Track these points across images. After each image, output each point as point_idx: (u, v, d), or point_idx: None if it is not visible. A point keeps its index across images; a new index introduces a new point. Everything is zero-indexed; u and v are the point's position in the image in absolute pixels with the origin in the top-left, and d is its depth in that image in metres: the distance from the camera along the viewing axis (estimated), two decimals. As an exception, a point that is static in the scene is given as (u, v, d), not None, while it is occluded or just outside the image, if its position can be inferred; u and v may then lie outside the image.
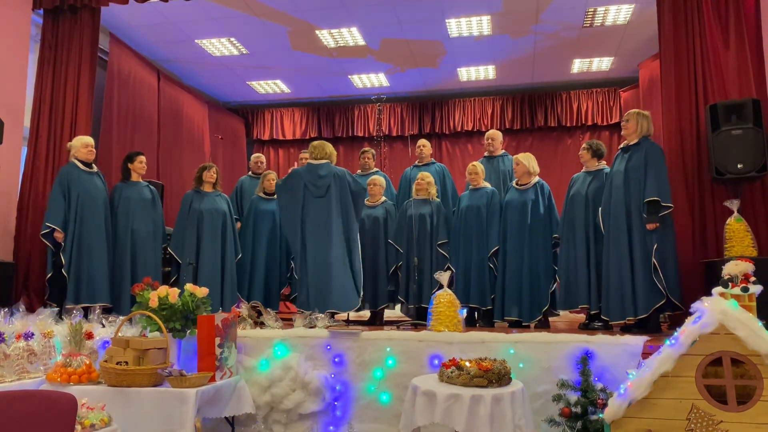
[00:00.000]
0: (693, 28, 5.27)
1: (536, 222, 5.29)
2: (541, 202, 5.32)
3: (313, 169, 5.29)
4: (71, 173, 5.27)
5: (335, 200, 5.20)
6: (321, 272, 5.07)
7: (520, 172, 5.42)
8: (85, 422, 2.81)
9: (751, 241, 4.58)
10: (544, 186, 5.41)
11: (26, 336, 3.74)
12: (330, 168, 5.28)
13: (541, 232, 5.28)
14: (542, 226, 5.29)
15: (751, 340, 2.70)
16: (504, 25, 7.65)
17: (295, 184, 5.29)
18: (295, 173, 5.36)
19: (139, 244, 5.45)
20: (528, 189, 5.37)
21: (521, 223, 5.29)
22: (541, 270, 5.24)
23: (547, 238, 5.29)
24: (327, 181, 5.22)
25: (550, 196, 5.39)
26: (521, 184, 5.43)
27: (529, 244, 5.26)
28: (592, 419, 3.46)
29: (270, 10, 7.23)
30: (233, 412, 3.85)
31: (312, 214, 5.19)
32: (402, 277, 5.66)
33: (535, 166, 5.42)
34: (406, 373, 3.96)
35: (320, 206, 5.19)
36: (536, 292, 5.22)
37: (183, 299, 3.91)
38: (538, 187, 5.37)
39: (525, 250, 5.26)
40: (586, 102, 9.83)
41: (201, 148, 9.65)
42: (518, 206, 5.33)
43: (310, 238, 5.15)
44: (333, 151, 5.41)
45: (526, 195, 5.35)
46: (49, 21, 6.35)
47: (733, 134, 4.76)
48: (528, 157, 5.45)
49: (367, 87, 9.93)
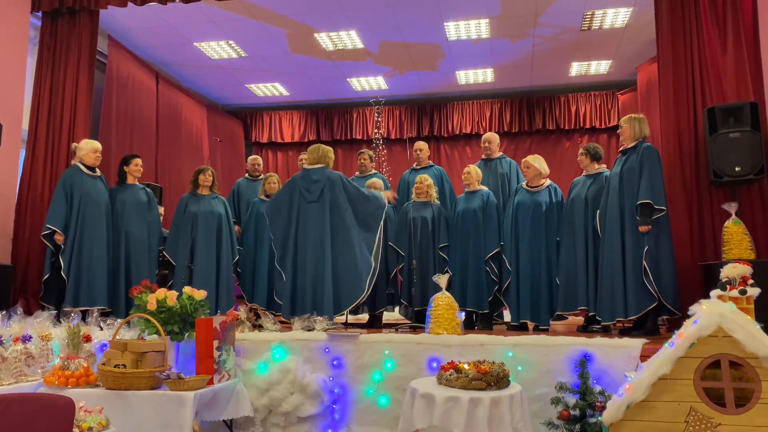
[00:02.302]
0: (691, 31, 5.29)
1: (550, 224, 5.31)
2: (555, 205, 5.34)
3: (307, 174, 5.30)
4: (75, 176, 5.26)
5: (328, 205, 5.19)
6: (316, 277, 5.05)
7: (531, 174, 5.42)
8: (83, 425, 2.81)
9: (749, 244, 4.58)
10: (557, 190, 5.44)
11: (24, 339, 3.73)
12: (324, 172, 5.28)
13: (555, 234, 5.30)
14: (555, 229, 5.31)
15: (749, 343, 2.71)
16: (502, 29, 7.66)
17: (290, 190, 5.31)
18: (291, 180, 5.39)
19: (134, 247, 5.44)
20: (541, 191, 5.38)
21: (536, 225, 5.29)
22: (555, 272, 5.25)
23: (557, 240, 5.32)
24: (320, 186, 5.22)
25: (562, 199, 5.42)
26: (533, 186, 5.43)
27: (546, 246, 5.27)
28: (590, 422, 3.46)
29: (269, 13, 7.24)
30: (231, 415, 3.84)
31: (305, 219, 5.18)
32: (404, 279, 5.65)
33: (545, 167, 5.44)
34: (405, 376, 3.96)
35: (313, 211, 5.19)
36: (552, 294, 5.23)
37: (181, 302, 3.91)
38: (551, 189, 5.40)
39: (543, 253, 5.26)
40: (584, 105, 9.85)
41: (199, 151, 9.65)
42: (531, 208, 5.32)
43: (303, 243, 5.14)
44: (330, 155, 5.40)
45: (540, 197, 5.35)
46: (48, 23, 6.35)
47: (731, 137, 4.77)
48: (538, 159, 5.45)
49: (365, 90, 9.94)
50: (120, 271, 5.36)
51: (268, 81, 9.66)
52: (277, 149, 11.13)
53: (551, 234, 5.30)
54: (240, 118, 11.00)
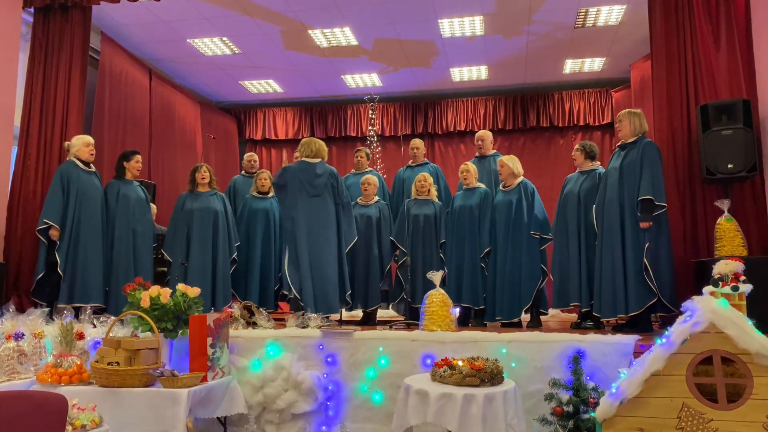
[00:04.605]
0: (684, 29, 5.31)
1: (519, 221, 5.30)
2: (525, 201, 5.34)
3: (309, 167, 5.19)
4: (71, 171, 5.23)
5: (332, 199, 5.18)
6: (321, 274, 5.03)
7: (504, 174, 5.48)
8: (76, 423, 2.80)
9: (741, 241, 4.61)
10: (527, 185, 5.43)
11: (16, 336, 3.71)
12: (325, 167, 5.26)
13: (525, 231, 5.29)
14: (525, 225, 5.29)
15: (741, 339, 2.73)
16: (496, 26, 7.66)
17: (289, 182, 5.18)
18: (288, 170, 5.24)
19: (138, 244, 5.43)
20: (512, 190, 5.41)
21: (506, 224, 5.33)
22: (523, 269, 5.23)
23: (531, 236, 5.29)
24: (324, 180, 5.18)
25: (533, 193, 5.41)
26: (506, 186, 5.48)
27: (512, 243, 5.29)
28: (583, 418, 3.47)
29: (263, 9, 7.22)
30: (225, 412, 3.84)
31: (308, 214, 5.10)
32: (402, 276, 5.65)
33: (519, 167, 5.48)
34: (399, 373, 3.97)
35: (317, 205, 5.13)
36: (516, 290, 5.22)
37: (175, 299, 3.89)
38: (521, 186, 5.40)
39: (508, 250, 5.29)
40: (578, 102, 9.86)
41: (193, 148, 9.61)
42: (504, 207, 5.37)
43: (306, 238, 5.06)
44: (325, 148, 5.39)
45: (511, 195, 5.39)
46: (40, 19, 6.30)
47: (724, 134, 4.79)
48: (512, 159, 5.51)
49: (359, 87, 9.92)
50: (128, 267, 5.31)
51: (262, 78, 9.63)
52: (271, 146, 11.11)
53: (520, 230, 5.26)
54: (234, 115, 10.96)
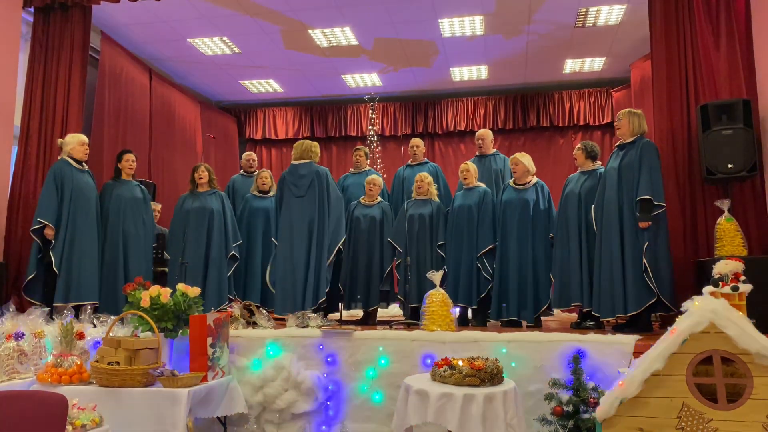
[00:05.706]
0: (684, 29, 5.31)
1: (538, 222, 5.31)
2: (542, 202, 5.35)
3: (294, 169, 5.36)
4: (64, 170, 5.21)
5: (317, 199, 5.20)
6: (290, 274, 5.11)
7: (520, 171, 5.43)
8: (76, 423, 2.80)
9: (741, 241, 4.61)
10: (544, 187, 5.45)
11: (16, 336, 3.71)
12: (311, 167, 5.31)
13: (543, 231, 5.31)
14: (543, 226, 5.32)
15: (741, 339, 2.72)
16: (497, 26, 7.66)
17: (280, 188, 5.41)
18: (281, 176, 5.46)
19: (130, 244, 5.42)
20: (528, 189, 5.39)
21: (523, 223, 5.30)
22: (542, 269, 5.27)
23: (547, 238, 5.32)
24: (308, 180, 5.25)
25: (549, 197, 5.43)
26: (520, 184, 5.44)
27: (532, 243, 5.28)
28: (583, 418, 3.47)
29: (263, 9, 7.22)
30: (225, 412, 3.84)
31: (291, 214, 5.23)
32: (400, 276, 5.65)
33: (532, 165, 5.47)
34: (399, 373, 3.97)
35: (299, 206, 5.22)
36: (538, 291, 5.25)
37: (175, 299, 3.90)
38: (538, 187, 5.41)
39: (528, 250, 5.28)
40: (578, 102, 9.85)
41: (193, 148, 9.60)
42: (519, 206, 5.33)
43: (286, 238, 5.19)
44: (314, 149, 5.45)
45: (527, 194, 5.36)
46: (40, 19, 6.30)
47: (724, 134, 4.78)
48: (526, 157, 5.47)
49: (360, 87, 9.91)
50: (118, 267, 5.33)
51: (262, 77, 9.62)
52: (271, 146, 11.10)
53: (538, 231, 5.31)
54: (234, 115, 10.96)
